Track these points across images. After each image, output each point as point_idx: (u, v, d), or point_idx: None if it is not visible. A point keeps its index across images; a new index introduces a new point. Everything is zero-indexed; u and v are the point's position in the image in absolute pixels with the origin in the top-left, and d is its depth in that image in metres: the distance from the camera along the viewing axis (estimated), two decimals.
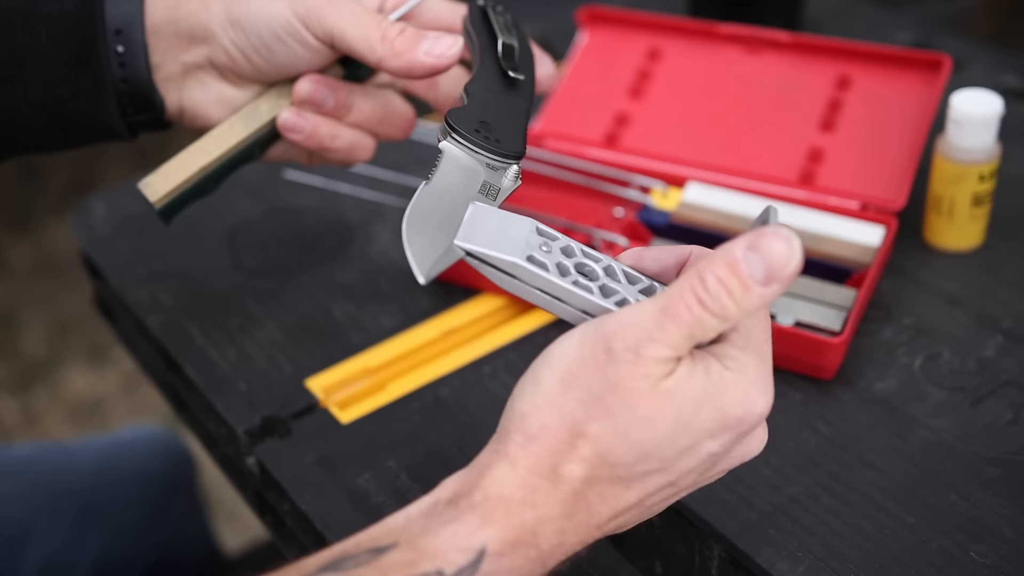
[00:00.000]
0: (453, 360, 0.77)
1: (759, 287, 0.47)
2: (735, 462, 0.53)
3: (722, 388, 0.49)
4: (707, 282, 0.47)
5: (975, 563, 0.60)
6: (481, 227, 0.52)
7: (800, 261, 0.48)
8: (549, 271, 0.51)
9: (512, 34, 0.64)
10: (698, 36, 0.95)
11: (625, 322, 0.48)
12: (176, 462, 1.10)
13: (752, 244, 0.47)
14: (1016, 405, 0.70)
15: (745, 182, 0.85)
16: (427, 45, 0.64)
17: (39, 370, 1.98)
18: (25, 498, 0.98)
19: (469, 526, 0.47)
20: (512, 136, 0.59)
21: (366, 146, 0.69)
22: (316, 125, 0.67)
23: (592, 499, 0.49)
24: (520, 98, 0.62)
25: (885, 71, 0.89)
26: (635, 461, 0.49)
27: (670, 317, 0.48)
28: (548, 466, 0.49)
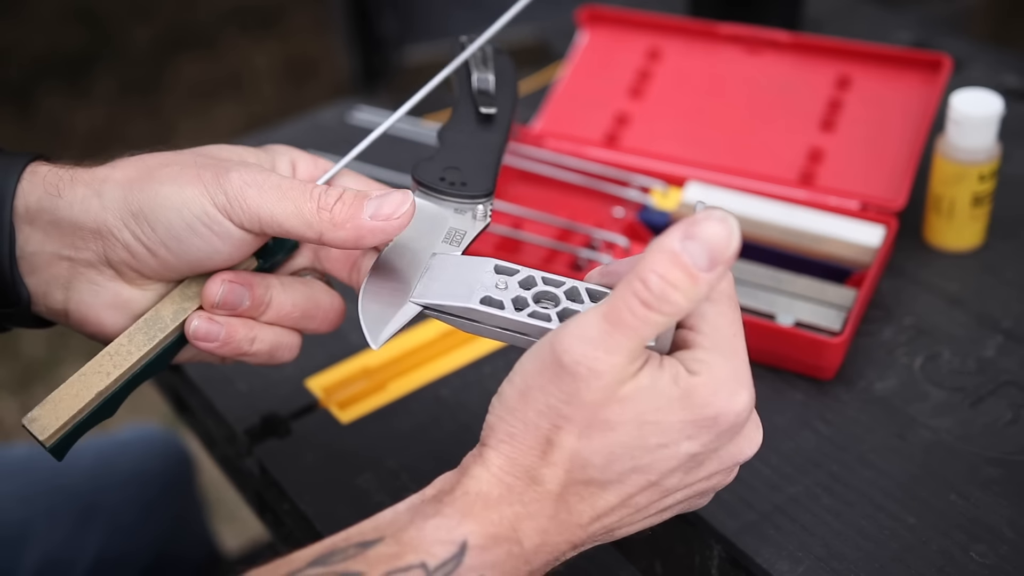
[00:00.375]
0: (453, 360, 0.77)
1: (704, 273, 0.46)
2: (728, 462, 0.52)
3: (690, 391, 0.49)
4: (649, 282, 0.47)
5: (975, 563, 0.60)
6: (438, 278, 0.54)
7: (739, 239, 0.47)
8: (504, 308, 0.52)
9: (488, 67, 0.63)
10: (698, 36, 0.95)
11: (572, 334, 0.48)
12: (175, 462, 1.10)
13: (688, 232, 0.46)
14: (1016, 405, 0.70)
15: (745, 182, 0.85)
16: (372, 207, 0.54)
17: (39, 370, 1.98)
18: (24, 498, 0.98)
19: (451, 520, 0.49)
20: (480, 176, 0.59)
21: (290, 344, 0.60)
22: (232, 330, 0.58)
23: (570, 499, 0.50)
24: (493, 133, 0.61)
25: (885, 71, 0.89)
26: (605, 463, 0.50)
27: (615, 325, 0.48)
28: (522, 468, 0.50)
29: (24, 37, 2.82)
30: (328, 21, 2.61)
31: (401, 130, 0.94)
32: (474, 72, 0.62)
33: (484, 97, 0.62)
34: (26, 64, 2.72)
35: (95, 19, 2.86)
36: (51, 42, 2.79)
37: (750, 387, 0.51)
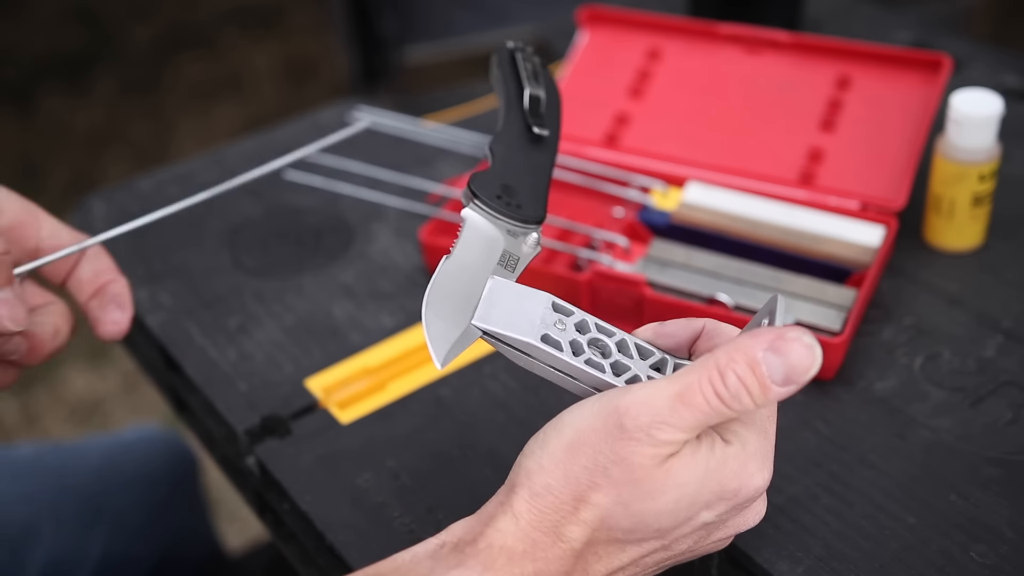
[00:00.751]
0: (453, 360, 0.77)
1: (776, 387, 0.49)
2: (731, 531, 0.55)
3: (722, 462, 0.51)
4: (727, 379, 0.49)
5: (975, 563, 0.60)
6: (498, 305, 0.54)
7: (819, 366, 0.49)
8: (563, 351, 0.53)
9: (539, 83, 0.63)
10: (698, 36, 0.95)
11: (640, 401, 0.50)
12: (179, 462, 1.10)
13: (774, 346, 0.49)
14: (1016, 405, 0.70)
15: (745, 182, 0.85)
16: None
17: (39, 370, 1.98)
18: (29, 498, 0.98)
19: (472, 572, 0.49)
20: (533, 200, 0.60)
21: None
22: None
23: (589, 558, 0.52)
24: (543, 154, 0.61)
25: (885, 71, 0.89)
26: (633, 528, 0.51)
27: (686, 405, 0.49)
28: (550, 523, 0.51)
29: (24, 37, 2.82)
30: (328, 21, 2.61)
31: (402, 130, 0.94)
32: (527, 87, 0.62)
33: (535, 117, 0.61)
34: (26, 64, 2.72)
35: (95, 19, 2.86)
36: (51, 42, 2.79)
37: (770, 469, 0.53)
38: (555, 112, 0.63)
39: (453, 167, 0.95)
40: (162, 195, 0.96)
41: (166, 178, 0.98)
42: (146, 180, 0.98)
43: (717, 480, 0.51)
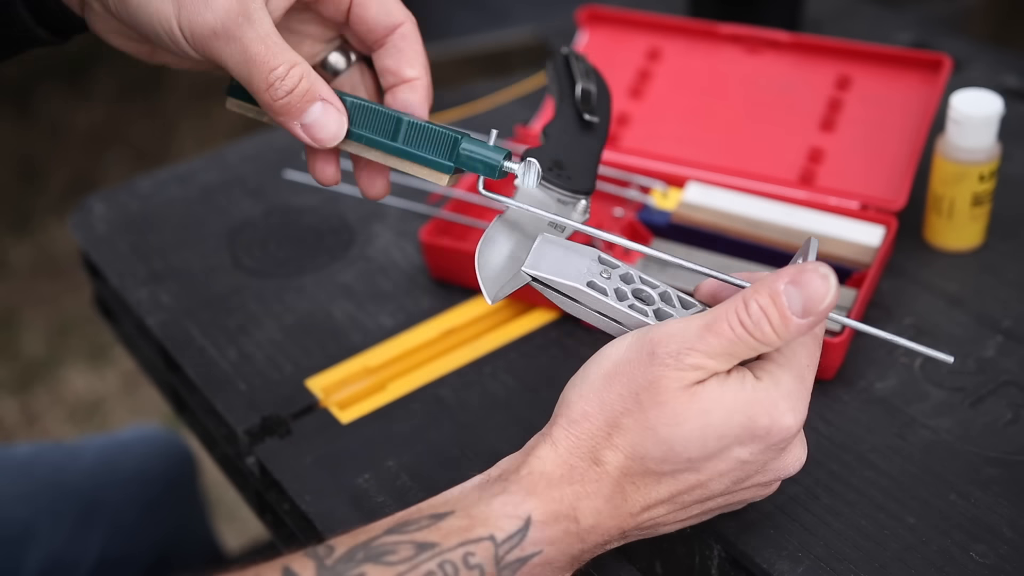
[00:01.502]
0: (453, 360, 0.77)
1: (796, 319, 0.52)
2: (770, 476, 0.56)
3: (752, 398, 0.53)
4: (750, 308, 0.52)
5: (975, 563, 0.61)
6: (547, 256, 0.58)
7: (836, 297, 0.52)
8: (608, 295, 0.57)
9: (591, 80, 0.68)
10: (698, 36, 0.95)
11: (671, 332, 0.53)
12: (177, 461, 1.10)
13: (794, 279, 0.52)
14: (1016, 405, 0.70)
15: (745, 182, 0.85)
16: (309, 117, 0.58)
17: (39, 370, 1.98)
18: (27, 498, 0.98)
19: (516, 497, 0.52)
20: (583, 174, 0.64)
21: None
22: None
23: (627, 487, 0.54)
24: (594, 139, 0.67)
25: (885, 71, 0.89)
26: (664, 457, 0.53)
27: (712, 332, 0.52)
28: (586, 449, 0.54)
29: None
30: None
31: None
32: (579, 82, 0.67)
33: (586, 105, 0.66)
34: (26, 64, 2.72)
35: None
36: None
37: (803, 412, 0.54)
38: (605, 105, 0.68)
39: None
40: (162, 195, 0.96)
41: (166, 178, 0.98)
42: (146, 180, 0.98)
43: (746, 414, 0.53)
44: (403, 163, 0.61)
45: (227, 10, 0.55)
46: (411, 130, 0.60)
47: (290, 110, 0.57)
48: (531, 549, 0.52)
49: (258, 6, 0.56)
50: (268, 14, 0.56)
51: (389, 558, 0.50)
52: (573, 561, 0.55)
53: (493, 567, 0.51)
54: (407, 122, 0.60)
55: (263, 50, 0.56)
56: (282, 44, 0.56)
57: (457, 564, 0.50)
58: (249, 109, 0.62)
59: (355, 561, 0.50)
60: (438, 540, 0.51)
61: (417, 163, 0.61)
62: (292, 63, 0.56)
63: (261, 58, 0.56)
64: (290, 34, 0.62)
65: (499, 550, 0.52)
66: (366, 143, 0.61)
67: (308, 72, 0.57)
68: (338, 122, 0.59)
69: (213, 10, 0.55)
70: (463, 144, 0.60)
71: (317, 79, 0.58)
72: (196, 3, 0.55)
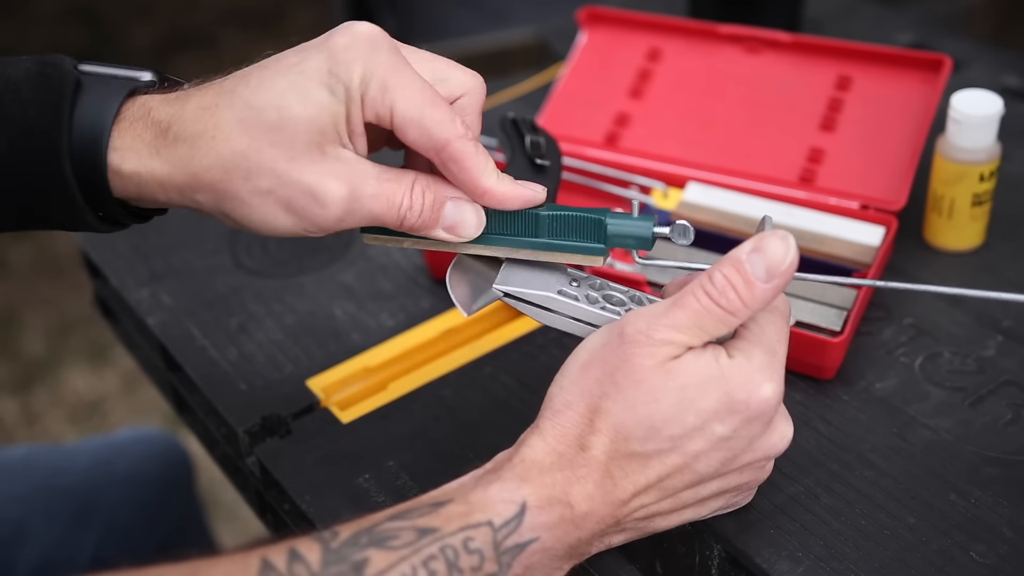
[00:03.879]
0: (453, 360, 0.77)
1: (761, 283, 0.54)
2: (759, 454, 0.57)
3: (727, 373, 0.54)
4: (714, 279, 0.54)
5: (975, 563, 0.61)
6: (516, 272, 0.61)
7: (796, 258, 0.54)
8: (579, 300, 0.59)
9: (538, 134, 0.71)
10: (698, 36, 0.95)
11: (639, 313, 0.55)
12: (173, 463, 1.10)
13: (755, 246, 0.54)
14: (1016, 405, 0.70)
15: (745, 182, 0.85)
16: (447, 221, 0.58)
17: (39, 370, 1.98)
18: (21, 498, 0.98)
19: (511, 483, 0.54)
20: None
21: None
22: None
23: (615, 472, 0.55)
24: (547, 179, 0.69)
25: (885, 71, 0.89)
26: (645, 436, 0.55)
27: (679, 305, 0.54)
28: (572, 436, 0.55)
29: (24, 37, 2.82)
30: (328, 21, 2.61)
31: None
32: (527, 135, 0.70)
33: (536, 151, 0.69)
34: None
35: (95, 19, 2.86)
36: (51, 42, 2.79)
37: (779, 383, 0.55)
38: (555, 153, 0.71)
39: None
40: None
41: None
42: None
43: (721, 389, 0.54)
44: (553, 255, 0.60)
45: (345, 205, 0.56)
46: (553, 223, 0.59)
47: (427, 224, 0.58)
48: (529, 535, 0.53)
49: (362, 182, 0.56)
50: (368, 169, 0.56)
51: (392, 543, 0.51)
52: (571, 551, 0.55)
53: (492, 552, 0.53)
54: (547, 216, 0.59)
55: (384, 203, 0.56)
56: (391, 179, 0.57)
57: (457, 548, 0.52)
58: (388, 240, 0.61)
59: (359, 545, 0.51)
60: (439, 525, 0.52)
61: (567, 252, 0.60)
62: (408, 187, 0.57)
63: (385, 209, 0.57)
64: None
65: (497, 535, 0.53)
66: (511, 245, 0.60)
67: (425, 182, 0.58)
68: (474, 212, 0.58)
69: (330, 209, 0.56)
70: (609, 223, 0.59)
71: (435, 182, 0.58)
72: (310, 209, 0.56)
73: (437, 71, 0.59)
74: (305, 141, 0.55)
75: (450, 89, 0.60)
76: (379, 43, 0.56)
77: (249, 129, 0.55)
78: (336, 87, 0.55)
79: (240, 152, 0.55)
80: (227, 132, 0.55)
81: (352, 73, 0.55)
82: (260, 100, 0.55)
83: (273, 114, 0.55)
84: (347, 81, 0.55)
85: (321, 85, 0.55)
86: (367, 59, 0.55)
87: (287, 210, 0.56)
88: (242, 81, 0.57)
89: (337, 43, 0.55)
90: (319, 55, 0.55)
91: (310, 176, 0.55)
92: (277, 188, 0.55)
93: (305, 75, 0.55)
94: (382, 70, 0.55)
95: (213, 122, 0.56)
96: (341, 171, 0.55)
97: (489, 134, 0.71)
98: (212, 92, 0.57)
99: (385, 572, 0.50)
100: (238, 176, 0.55)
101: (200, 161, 0.56)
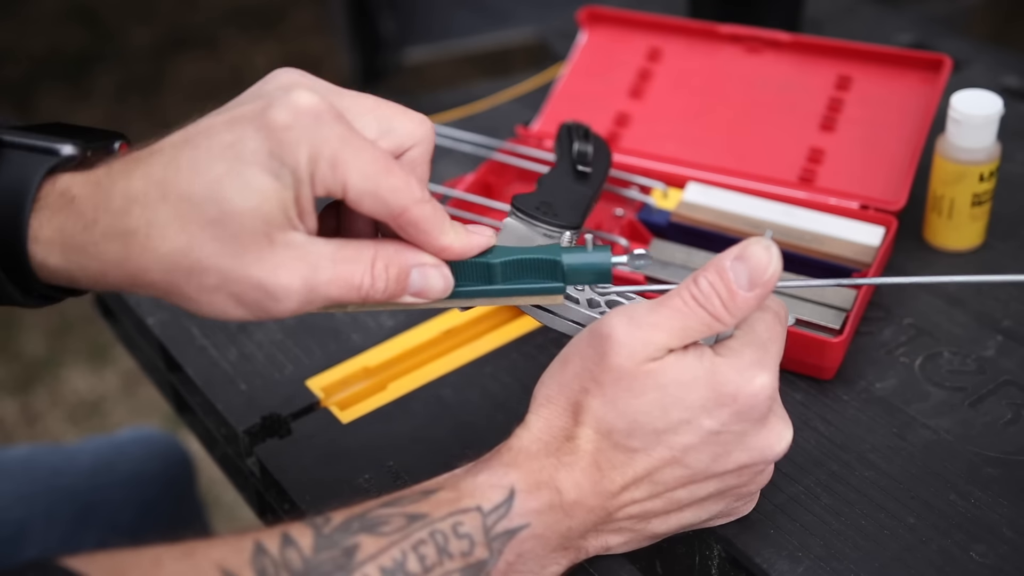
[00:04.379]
0: (453, 360, 0.77)
1: (743, 292, 0.54)
2: (756, 455, 0.56)
3: (713, 369, 0.54)
4: (700, 284, 0.54)
5: (975, 563, 0.61)
6: None
7: (779, 267, 0.54)
8: (580, 304, 0.60)
9: (589, 142, 0.74)
10: (698, 36, 0.95)
11: (621, 311, 0.55)
12: (173, 463, 1.10)
13: (739, 254, 0.54)
14: (1016, 405, 0.70)
15: (745, 182, 0.85)
16: (413, 287, 0.55)
17: (39, 370, 1.98)
18: (22, 499, 0.98)
19: (499, 470, 0.55)
20: (570, 212, 0.68)
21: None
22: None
23: (602, 462, 0.55)
24: (587, 187, 0.72)
25: (885, 71, 0.89)
26: (628, 430, 0.55)
27: (663, 306, 0.54)
28: (557, 428, 0.56)
29: (24, 37, 2.82)
30: (328, 21, 2.61)
31: None
32: (576, 143, 0.73)
33: (582, 159, 0.72)
34: (26, 64, 2.72)
35: (95, 19, 2.86)
36: (51, 42, 2.79)
37: (771, 377, 0.55)
38: (603, 163, 0.74)
39: (453, 167, 0.95)
40: None
41: None
42: None
43: (707, 385, 0.54)
44: (511, 300, 0.59)
45: (300, 297, 0.52)
46: (506, 268, 0.58)
47: (393, 295, 0.55)
48: (519, 520, 0.54)
49: (317, 268, 0.52)
50: (322, 251, 0.52)
51: (383, 528, 0.52)
52: (564, 541, 0.55)
53: (483, 537, 0.53)
54: (499, 264, 0.57)
55: (343, 286, 0.53)
56: (348, 258, 0.53)
57: (447, 533, 0.52)
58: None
59: (351, 531, 0.52)
60: (428, 511, 0.53)
61: (525, 295, 0.59)
62: (368, 264, 0.53)
63: (344, 291, 0.53)
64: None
65: (487, 520, 0.53)
66: (468, 296, 0.58)
67: (386, 255, 0.54)
68: (440, 275, 0.55)
69: (285, 303, 0.52)
70: (565, 261, 0.58)
71: (396, 252, 0.54)
72: (263, 303, 0.52)
73: (383, 120, 0.56)
74: (250, 233, 0.50)
75: (399, 140, 0.56)
76: (322, 115, 0.51)
77: (187, 225, 0.50)
78: (281, 172, 0.50)
79: (180, 250, 0.50)
80: (162, 230, 0.50)
81: (298, 155, 0.50)
82: (196, 192, 0.50)
83: (212, 208, 0.50)
84: (293, 165, 0.50)
85: (263, 171, 0.50)
86: (313, 137, 0.50)
87: (238, 304, 0.52)
88: (172, 166, 0.51)
89: (276, 121, 0.50)
90: (256, 135, 0.50)
91: (259, 271, 0.51)
92: (224, 285, 0.51)
93: (243, 160, 0.50)
94: (330, 146, 0.51)
95: (145, 218, 0.51)
96: (293, 260, 0.51)
97: (499, 122, 0.71)
98: (139, 177, 0.51)
99: (376, 557, 0.51)
100: (180, 275, 0.51)
101: (136, 262, 0.51)
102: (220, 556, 0.50)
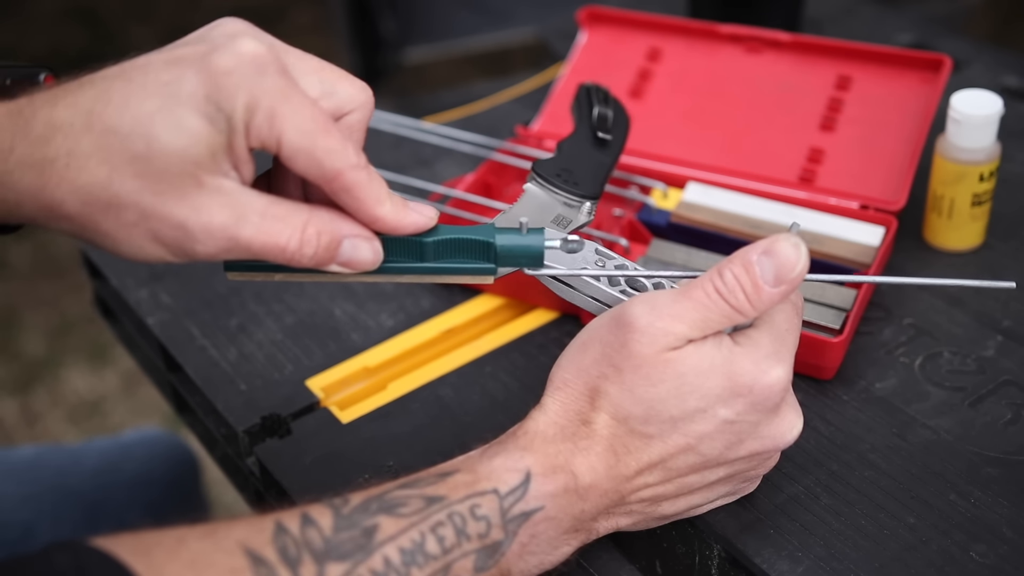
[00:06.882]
0: (453, 360, 0.77)
1: (768, 287, 0.54)
2: (767, 443, 0.57)
3: (731, 359, 0.54)
4: (724, 276, 0.54)
5: (975, 563, 0.61)
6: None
7: (806, 266, 0.54)
8: (600, 281, 0.60)
9: (608, 106, 0.73)
10: (698, 36, 0.95)
11: (643, 298, 0.55)
12: (179, 464, 1.10)
13: (767, 249, 0.54)
14: (1016, 405, 0.70)
15: (745, 182, 0.85)
16: (342, 257, 0.54)
17: (39, 370, 1.98)
18: (29, 500, 0.98)
19: (515, 453, 0.55)
20: (590, 181, 0.67)
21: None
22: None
23: (617, 447, 0.56)
24: (606, 155, 0.71)
25: (885, 71, 0.89)
26: (645, 417, 0.55)
27: (685, 296, 0.54)
28: (573, 412, 0.56)
29: (24, 37, 2.82)
30: (328, 21, 2.61)
31: (402, 130, 0.94)
32: (596, 107, 0.72)
33: (601, 125, 0.71)
34: None
35: (95, 19, 2.86)
36: (51, 42, 2.79)
37: (787, 369, 0.56)
38: (622, 128, 0.73)
39: (453, 167, 0.95)
40: None
41: None
42: None
43: (724, 374, 0.54)
44: (441, 278, 0.58)
45: (222, 243, 0.51)
46: (439, 247, 0.57)
47: (321, 263, 0.53)
48: (534, 503, 0.54)
49: (243, 217, 0.51)
50: (253, 203, 0.51)
51: (401, 510, 0.52)
52: (576, 524, 0.56)
53: (499, 519, 0.53)
54: (431, 243, 0.56)
55: (267, 241, 0.51)
56: (278, 216, 0.51)
57: (465, 515, 0.53)
58: (256, 275, 0.57)
59: (369, 512, 0.52)
60: (446, 493, 0.53)
61: (455, 275, 0.58)
62: (299, 227, 0.52)
63: (266, 247, 0.51)
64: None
65: (503, 503, 0.54)
66: (397, 272, 0.57)
67: (320, 222, 0.52)
68: (371, 251, 0.54)
69: (205, 245, 0.51)
70: (498, 243, 0.57)
71: (331, 220, 0.53)
72: (183, 243, 0.51)
73: (326, 82, 0.54)
74: (176, 173, 0.49)
75: (339, 102, 0.55)
76: (265, 66, 0.50)
77: (110, 158, 0.49)
78: (216, 116, 0.49)
79: (99, 183, 0.49)
80: (83, 160, 0.49)
81: (235, 102, 0.49)
82: (124, 125, 0.49)
83: (139, 143, 0.48)
84: (229, 111, 0.49)
85: (197, 113, 0.49)
86: (252, 86, 0.49)
87: (157, 242, 0.51)
88: (102, 98, 0.50)
89: (218, 65, 0.49)
90: (196, 77, 0.49)
91: (181, 211, 0.49)
92: (143, 222, 0.50)
93: (178, 100, 0.49)
94: (269, 98, 0.49)
95: (66, 147, 0.49)
96: (218, 205, 0.50)
97: (499, 122, 0.71)
98: (65, 106, 0.50)
99: (395, 538, 0.51)
100: (97, 209, 0.49)
101: (52, 193, 0.49)
102: (242, 535, 0.50)
